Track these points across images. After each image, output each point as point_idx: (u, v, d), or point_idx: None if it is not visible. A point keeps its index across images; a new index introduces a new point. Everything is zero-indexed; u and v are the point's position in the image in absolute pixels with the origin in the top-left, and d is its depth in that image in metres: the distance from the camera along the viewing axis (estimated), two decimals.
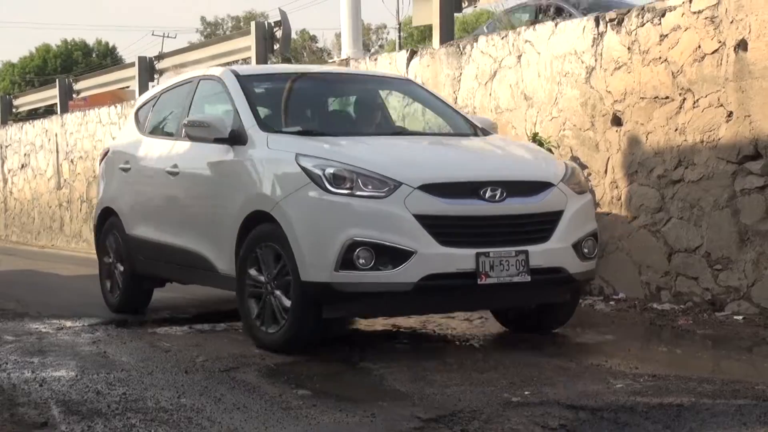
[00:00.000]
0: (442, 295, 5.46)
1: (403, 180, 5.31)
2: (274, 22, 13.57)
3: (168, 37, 53.66)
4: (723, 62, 6.96)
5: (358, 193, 5.31)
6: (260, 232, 5.72)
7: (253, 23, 13.91)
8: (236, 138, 6.12)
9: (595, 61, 7.95)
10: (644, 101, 7.56)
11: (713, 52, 7.04)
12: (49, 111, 24.07)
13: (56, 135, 18.18)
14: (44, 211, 18.77)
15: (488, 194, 5.39)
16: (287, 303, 5.54)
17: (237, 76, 6.62)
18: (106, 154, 8.25)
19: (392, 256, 5.20)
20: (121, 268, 7.58)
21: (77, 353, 5.82)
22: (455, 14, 10.53)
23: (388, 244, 5.21)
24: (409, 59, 9.96)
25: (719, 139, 7.00)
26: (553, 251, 5.52)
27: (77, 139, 17.44)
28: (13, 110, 22.32)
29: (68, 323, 7.11)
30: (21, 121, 21.72)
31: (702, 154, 7.11)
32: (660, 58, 7.42)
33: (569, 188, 5.75)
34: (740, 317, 6.70)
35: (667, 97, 7.38)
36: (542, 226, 5.54)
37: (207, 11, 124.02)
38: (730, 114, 6.93)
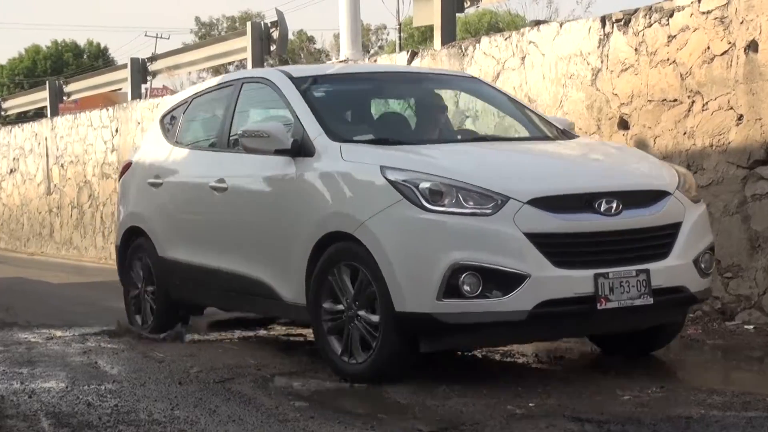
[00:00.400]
0: (556, 322, 5.02)
1: (510, 194, 4.85)
2: (271, 23, 13.59)
3: (161, 38, 53.66)
4: (733, 64, 6.97)
5: (460, 210, 4.85)
6: (339, 254, 5.26)
7: (248, 24, 13.93)
8: (300, 149, 5.62)
9: (601, 62, 7.96)
10: (652, 104, 7.56)
11: (723, 54, 7.04)
12: (38, 114, 24.12)
13: (46, 139, 18.19)
14: (34, 217, 18.77)
15: (603, 207, 4.95)
16: (374, 333, 5.09)
17: (291, 78, 6.11)
18: (127, 167, 7.59)
19: (502, 281, 4.76)
20: (152, 294, 7.01)
21: (67, 364, 5.81)
22: (457, 14, 10.54)
23: (497, 267, 4.76)
24: (410, 61, 9.97)
25: (729, 142, 7.01)
26: (674, 269, 5.10)
27: (68, 143, 17.45)
28: (2, 113, 22.34)
29: (58, 333, 7.10)
30: (10, 124, 21.74)
31: (711, 158, 7.11)
32: (668, 59, 7.43)
33: (684, 196, 5.34)
34: (751, 327, 6.70)
35: (675, 100, 7.39)
36: (661, 240, 5.13)
37: (201, 11, 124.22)
38: (740, 117, 6.93)
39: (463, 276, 4.75)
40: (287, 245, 5.61)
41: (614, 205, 4.97)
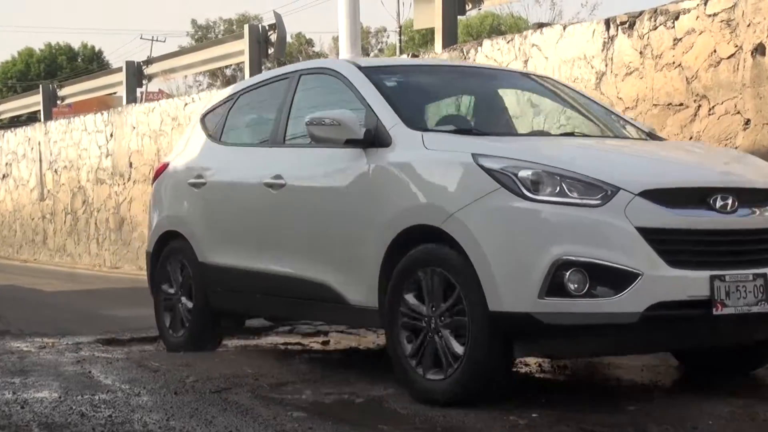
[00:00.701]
0: (668, 329, 4.61)
1: (621, 184, 4.49)
2: (269, 26, 13.62)
3: (157, 40, 53.79)
4: (740, 67, 6.98)
5: (565, 200, 4.50)
6: (422, 252, 4.88)
7: (246, 26, 13.96)
8: (373, 140, 5.30)
9: (606, 66, 7.97)
10: (657, 108, 7.57)
11: (729, 57, 7.05)
12: (32, 118, 24.13)
13: (39, 143, 18.20)
14: (26, 223, 18.77)
15: (719, 203, 4.59)
16: (459, 342, 4.68)
17: (359, 67, 5.81)
18: (162, 169, 7.26)
19: (612, 279, 4.38)
20: (189, 303, 6.64)
21: (60, 373, 5.80)
22: (458, 17, 10.56)
23: (606, 263, 4.38)
24: None
25: (736, 147, 7.01)
26: None
27: (61, 148, 17.45)
28: None
29: (51, 341, 7.10)
30: (2, 128, 21.74)
31: None
32: (674, 62, 7.44)
33: None
34: None
35: (681, 104, 7.39)
36: None
37: (198, 14, 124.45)
38: (747, 121, 6.94)
39: (569, 272, 4.37)
40: (357, 243, 5.28)
41: (730, 201, 4.62)
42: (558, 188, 4.51)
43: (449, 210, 4.73)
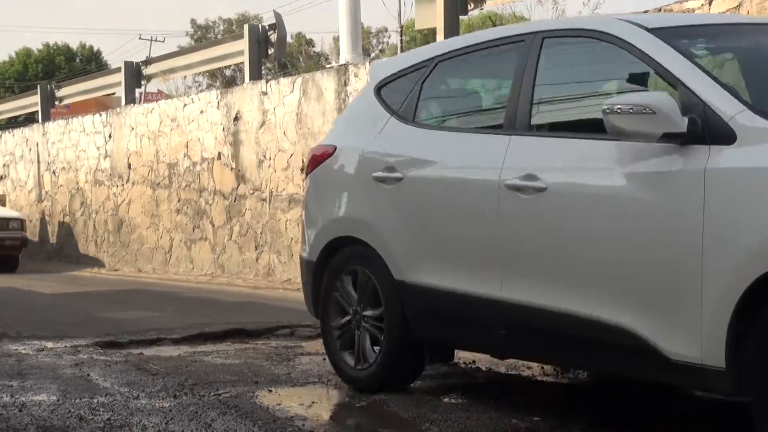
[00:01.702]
0: None
1: None
2: (269, 26, 13.65)
3: (156, 40, 53.75)
4: None
5: None
6: None
7: (246, 26, 13.99)
8: (701, 133, 3.91)
9: None
10: None
11: None
12: (29, 119, 24.16)
13: (37, 144, 18.22)
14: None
15: None
16: None
17: (649, 30, 4.34)
18: (325, 156, 5.76)
19: None
20: (380, 328, 5.26)
21: (59, 376, 5.81)
22: (460, 17, 10.58)
23: None
24: None
25: None
26: None
27: (59, 149, 17.47)
28: None
29: (49, 344, 7.10)
30: (0, 129, 21.77)
31: None
32: None
33: None
34: None
35: None
36: None
37: (197, 14, 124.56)
38: None
39: None
40: (682, 276, 3.89)
41: None
42: None
43: None
